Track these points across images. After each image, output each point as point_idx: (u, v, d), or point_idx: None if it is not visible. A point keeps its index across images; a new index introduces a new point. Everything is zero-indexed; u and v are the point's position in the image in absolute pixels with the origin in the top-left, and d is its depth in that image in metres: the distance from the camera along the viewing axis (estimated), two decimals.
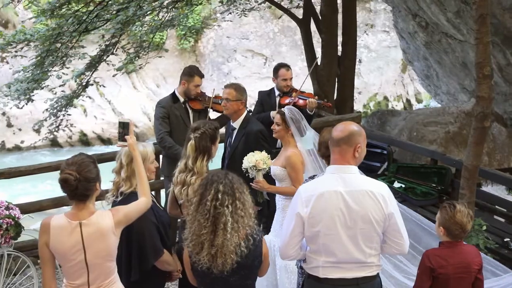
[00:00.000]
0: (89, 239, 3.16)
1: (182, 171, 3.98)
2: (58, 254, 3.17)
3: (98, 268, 3.22)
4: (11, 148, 16.76)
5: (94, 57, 9.79)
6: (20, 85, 9.44)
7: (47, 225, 3.16)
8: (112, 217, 3.23)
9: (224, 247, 3.09)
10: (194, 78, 5.79)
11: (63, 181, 3.12)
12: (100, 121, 17.48)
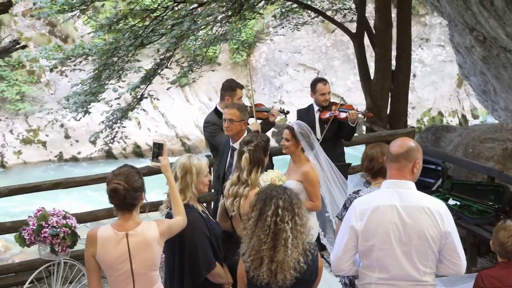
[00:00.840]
0: (135, 249, 3.21)
1: (234, 184, 4.01)
2: (104, 265, 3.23)
3: (143, 278, 3.27)
4: (68, 159, 17.24)
5: (149, 71, 9.99)
6: (78, 97, 9.72)
7: (94, 237, 3.23)
8: (157, 228, 3.30)
9: (284, 263, 3.08)
10: (237, 92, 5.87)
11: (112, 191, 3.19)
12: (154, 133, 17.78)
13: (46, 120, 17.05)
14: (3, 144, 16.83)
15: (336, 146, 6.46)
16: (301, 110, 6.76)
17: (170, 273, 3.78)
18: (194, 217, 3.68)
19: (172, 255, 3.75)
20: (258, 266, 3.12)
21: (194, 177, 3.72)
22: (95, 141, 12.81)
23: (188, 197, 3.71)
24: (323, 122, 6.34)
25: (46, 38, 18.43)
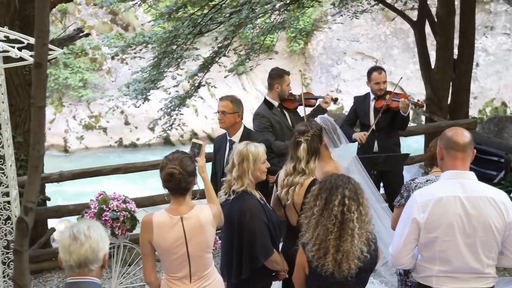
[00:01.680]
0: (190, 232, 3.28)
1: (290, 174, 4.01)
2: (161, 249, 3.30)
3: (198, 260, 3.34)
4: (128, 145, 17.66)
5: (206, 59, 10.08)
6: (138, 85, 9.93)
7: (149, 222, 3.30)
8: (210, 210, 3.37)
9: (350, 253, 3.07)
10: (285, 78, 5.85)
11: (169, 175, 3.25)
12: (210, 121, 17.96)
13: (107, 106, 17.50)
14: (66, 129, 17.39)
15: (390, 136, 6.36)
16: (358, 97, 6.70)
17: (228, 259, 3.85)
18: (252, 204, 3.73)
19: (230, 241, 3.81)
20: (322, 255, 3.11)
21: (251, 164, 3.76)
22: (153, 127, 13.09)
23: (246, 184, 3.76)
24: (377, 111, 6.27)
25: (108, 27, 18.88)
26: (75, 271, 2.45)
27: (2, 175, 5.10)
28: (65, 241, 2.43)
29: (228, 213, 3.75)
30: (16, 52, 4.16)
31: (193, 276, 3.36)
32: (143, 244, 3.35)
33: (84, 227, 2.46)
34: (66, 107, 17.76)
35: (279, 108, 5.85)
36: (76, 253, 2.42)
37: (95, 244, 2.44)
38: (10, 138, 5.11)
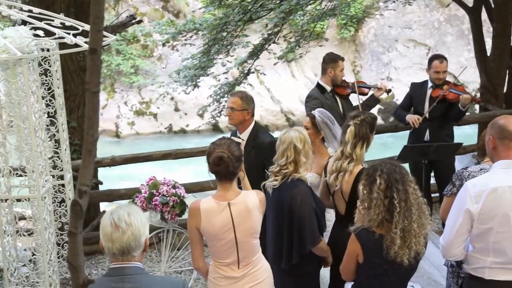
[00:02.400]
0: (238, 218, 3.29)
1: (338, 159, 3.98)
2: (209, 235, 3.33)
3: (246, 246, 3.35)
4: (177, 131, 17.88)
5: (256, 46, 10.06)
6: (188, 71, 10.01)
7: (197, 209, 3.33)
8: (257, 196, 3.37)
9: (413, 239, 3.04)
10: (339, 63, 5.82)
11: (218, 158, 3.27)
12: (259, 108, 17.98)
13: (157, 93, 17.74)
14: (118, 115, 17.73)
15: (443, 127, 6.23)
16: (415, 84, 6.59)
17: (277, 244, 3.86)
18: (303, 190, 3.75)
19: (279, 227, 3.82)
20: (391, 244, 3.07)
21: (299, 149, 3.78)
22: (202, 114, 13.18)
23: (296, 170, 3.78)
24: (433, 99, 6.15)
25: (160, 13, 19.08)
26: (118, 258, 2.48)
27: (57, 159, 5.25)
28: (107, 229, 2.45)
29: (278, 198, 3.76)
30: (71, 39, 4.26)
31: (241, 262, 3.38)
32: (191, 231, 3.38)
33: (124, 214, 2.47)
34: (118, 93, 18.10)
35: (331, 93, 5.83)
36: (118, 241, 2.43)
37: (136, 231, 2.46)
38: (65, 123, 5.25)
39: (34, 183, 4.43)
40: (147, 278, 2.55)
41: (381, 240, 3.06)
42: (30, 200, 4.55)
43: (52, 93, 5.07)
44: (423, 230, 3.07)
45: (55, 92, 5.07)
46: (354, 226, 3.18)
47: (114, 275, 2.48)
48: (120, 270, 2.48)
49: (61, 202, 5.39)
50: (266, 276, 3.51)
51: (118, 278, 2.47)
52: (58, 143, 5.23)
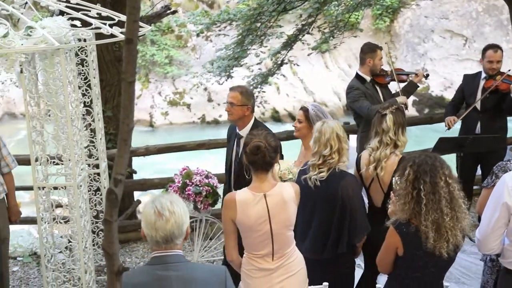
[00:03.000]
0: (274, 209, 3.28)
1: (376, 149, 3.95)
2: (244, 226, 3.32)
3: (281, 238, 3.35)
4: (210, 121, 17.96)
5: (290, 36, 10.02)
6: (221, 62, 10.02)
7: (232, 201, 3.32)
8: (292, 188, 3.36)
9: (448, 232, 3.01)
10: (377, 52, 5.78)
11: (256, 147, 3.27)
12: (292, 99, 17.93)
13: (191, 83, 17.83)
14: (152, 105, 17.90)
15: (495, 119, 6.05)
16: (468, 75, 6.45)
17: (319, 234, 3.86)
18: (353, 181, 3.84)
19: (325, 218, 3.82)
20: (437, 238, 3.03)
21: (342, 139, 3.84)
22: None
23: (343, 160, 3.79)
24: (486, 91, 5.99)
25: (194, 4, 19.15)
26: (161, 246, 2.50)
27: (93, 148, 5.33)
28: (150, 217, 2.47)
29: (326, 190, 3.76)
30: (107, 29, 4.30)
31: (276, 254, 3.38)
32: (226, 222, 3.37)
33: (167, 202, 2.49)
34: (152, 83, 18.25)
35: (371, 83, 5.81)
36: (162, 229, 2.45)
37: (179, 219, 2.48)
38: (100, 112, 5.32)
39: (70, 171, 4.51)
40: (190, 266, 2.58)
41: (418, 231, 3.02)
42: (67, 188, 4.63)
43: (89, 83, 5.14)
44: (459, 224, 3.01)
45: (91, 82, 5.14)
46: (391, 219, 3.15)
47: (158, 264, 2.51)
48: (164, 259, 2.51)
49: (96, 190, 5.48)
50: (300, 267, 3.51)
51: (162, 266, 2.50)
52: (93, 132, 5.30)
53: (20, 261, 6.20)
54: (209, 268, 2.71)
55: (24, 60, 4.22)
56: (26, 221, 6.46)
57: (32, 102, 4.50)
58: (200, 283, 2.52)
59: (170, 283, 2.47)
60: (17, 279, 5.85)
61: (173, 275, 2.48)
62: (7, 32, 3.99)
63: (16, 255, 6.25)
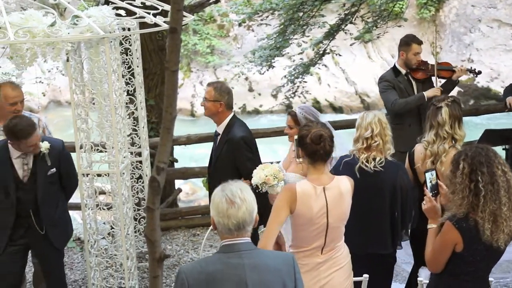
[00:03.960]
0: (332, 203, 3.24)
1: (432, 143, 3.89)
2: (303, 219, 3.25)
3: (334, 231, 3.32)
4: (251, 111, 17.98)
5: (332, 26, 9.92)
6: (263, 52, 10.02)
7: (293, 192, 3.23)
8: (348, 181, 3.32)
9: (504, 223, 2.94)
10: (412, 46, 5.61)
11: (319, 136, 3.22)
12: (333, 89, 17.79)
13: (232, 73, 17.87)
14: (193, 94, 18.02)
15: None
16: None
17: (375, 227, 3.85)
18: (406, 171, 3.88)
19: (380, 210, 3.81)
20: (495, 230, 2.97)
21: (387, 130, 3.83)
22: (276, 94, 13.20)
23: (388, 148, 3.78)
24: None
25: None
26: (233, 234, 2.52)
27: (135, 136, 5.41)
28: (222, 206, 2.49)
29: (381, 181, 3.75)
30: (151, 18, 4.34)
31: (326, 247, 3.33)
32: (280, 212, 3.24)
33: (237, 190, 2.52)
34: (194, 72, 18.37)
35: (406, 76, 5.67)
36: (234, 216, 2.47)
37: (250, 206, 2.51)
38: (143, 101, 5.38)
39: (113, 159, 4.58)
40: (261, 253, 2.61)
41: (477, 225, 2.95)
42: (110, 175, 4.71)
43: (132, 71, 5.20)
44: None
45: (135, 70, 5.20)
46: (445, 215, 3.07)
47: (230, 251, 2.53)
48: (235, 246, 2.53)
49: (138, 178, 5.56)
50: (347, 260, 3.47)
51: (235, 254, 2.52)
52: (136, 120, 5.37)
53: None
54: (278, 255, 2.71)
55: (70, 49, 4.30)
56: (70, 207, 6.58)
57: (78, 90, 4.58)
58: (272, 270, 2.54)
59: (244, 271, 2.50)
60: None
61: (246, 263, 2.51)
62: (54, 21, 4.07)
63: None
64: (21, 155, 4.32)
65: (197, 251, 6.09)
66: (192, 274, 2.49)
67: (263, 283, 2.52)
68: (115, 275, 4.95)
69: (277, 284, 2.54)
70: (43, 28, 4.02)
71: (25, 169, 4.35)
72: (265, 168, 4.04)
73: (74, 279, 5.74)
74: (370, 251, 3.87)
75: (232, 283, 2.49)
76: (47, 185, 4.43)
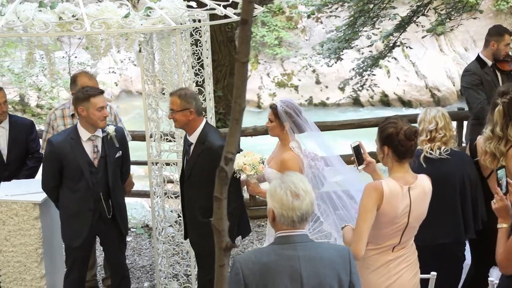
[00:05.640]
0: (415, 203, 3.18)
1: (489, 139, 3.77)
2: (386, 218, 3.17)
3: (411, 231, 3.27)
4: (317, 104, 17.88)
5: (404, 18, 9.71)
6: (331, 44, 9.93)
7: (380, 191, 3.14)
8: (428, 179, 3.26)
9: None
10: (505, 37, 5.40)
11: (414, 132, 3.15)
12: (402, 82, 17.42)
13: (299, 65, 17.81)
14: (260, 86, 18.10)
15: None
16: None
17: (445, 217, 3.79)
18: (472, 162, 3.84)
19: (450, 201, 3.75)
20: None
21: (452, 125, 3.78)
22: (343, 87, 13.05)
23: (452, 142, 3.78)
24: None
25: None
26: (295, 226, 2.52)
27: None
28: (286, 198, 2.49)
29: (448, 169, 3.71)
30: (221, 10, 4.38)
31: (399, 246, 3.27)
32: (370, 211, 3.14)
33: (299, 182, 2.53)
34: (261, 64, 18.43)
35: (492, 68, 5.49)
36: (298, 208, 2.49)
37: (312, 197, 2.53)
38: (212, 92, 5.45)
39: (181, 148, 4.66)
40: (316, 245, 2.62)
41: None
42: (178, 165, 4.80)
43: (201, 63, 5.27)
44: None
45: (204, 62, 5.27)
46: None
47: (285, 243, 2.55)
48: (291, 238, 2.55)
49: None
50: (415, 257, 3.40)
51: (290, 246, 2.54)
52: (204, 111, 5.45)
53: (133, 232, 6.55)
54: (334, 248, 2.70)
55: (142, 40, 4.41)
56: (139, 195, 6.79)
57: (149, 81, 4.69)
58: (327, 262, 2.54)
59: (298, 263, 2.51)
60: (130, 248, 6.18)
61: (300, 255, 2.52)
62: (128, 13, 4.18)
63: (129, 226, 6.60)
64: (90, 137, 4.34)
65: (262, 241, 6.13)
66: (246, 264, 2.52)
67: (317, 275, 2.52)
68: (181, 262, 5.06)
69: (331, 277, 2.53)
70: (117, 20, 4.14)
71: (95, 151, 4.39)
72: (247, 155, 3.95)
73: (142, 265, 5.91)
74: (442, 242, 3.77)
75: (286, 275, 2.50)
76: (116, 168, 4.50)
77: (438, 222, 3.75)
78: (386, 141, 3.19)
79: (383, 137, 3.21)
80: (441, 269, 3.62)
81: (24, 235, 4.49)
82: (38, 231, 4.49)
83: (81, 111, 4.23)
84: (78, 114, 4.32)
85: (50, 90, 12.53)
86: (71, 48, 11.24)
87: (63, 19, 4.11)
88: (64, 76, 12.17)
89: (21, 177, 5.04)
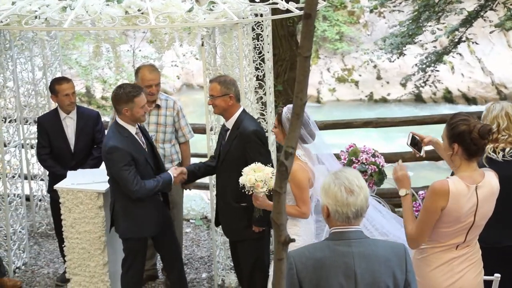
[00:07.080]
0: (482, 202, 3.10)
1: None
2: (451, 217, 3.11)
3: (477, 229, 3.19)
4: (378, 99, 17.63)
5: (471, 13, 9.44)
6: (394, 39, 9.77)
7: (446, 191, 3.07)
8: (496, 177, 3.18)
9: None
10: None
11: (488, 130, 3.08)
12: (467, 79, 16.94)
13: (360, 60, 17.60)
14: (320, 81, 17.99)
15: None
16: None
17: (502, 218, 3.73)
18: None
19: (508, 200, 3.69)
20: None
21: None
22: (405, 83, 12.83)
23: None
24: None
25: None
26: (350, 222, 2.51)
27: (263, 121, 5.50)
28: (341, 194, 2.48)
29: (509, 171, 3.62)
30: (284, 4, 4.38)
31: (463, 244, 3.20)
32: (434, 211, 3.09)
33: (353, 178, 2.51)
34: (321, 59, 18.32)
35: None
36: (353, 204, 2.47)
37: (366, 193, 2.51)
38: (272, 86, 5.46)
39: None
40: (371, 242, 2.59)
41: None
42: None
43: (262, 57, 5.29)
44: None
45: (265, 56, 5.29)
46: None
47: (339, 239, 2.54)
48: (345, 235, 2.53)
49: None
50: (479, 256, 3.31)
51: (344, 242, 2.53)
52: (264, 105, 5.47)
53: (192, 224, 6.66)
54: (389, 245, 2.66)
55: (205, 34, 4.47)
56: (199, 187, 6.90)
57: (210, 74, 4.75)
58: (381, 259, 2.51)
59: (352, 259, 2.49)
60: (189, 239, 6.29)
61: (355, 252, 2.50)
62: (192, 7, 4.25)
63: (189, 217, 6.72)
64: (136, 131, 4.37)
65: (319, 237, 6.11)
66: (300, 259, 2.51)
67: (371, 272, 2.49)
68: None
69: (386, 274, 2.50)
70: (181, 14, 4.21)
71: (143, 142, 4.44)
72: (257, 171, 3.79)
73: (201, 256, 6.00)
74: (506, 244, 3.66)
75: (340, 271, 2.48)
76: None
77: (503, 224, 3.64)
78: (458, 139, 3.09)
79: (454, 134, 3.10)
80: (505, 272, 3.51)
81: (89, 223, 4.64)
82: (101, 219, 4.63)
83: (125, 111, 4.24)
84: (120, 113, 4.31)
85: (115, 82, 12.88)
86: (135, 41, 11.52)
87: (129, 13, 4.22)
88: (129, 69, 12.49)
89: (87, 166, 5.19)
